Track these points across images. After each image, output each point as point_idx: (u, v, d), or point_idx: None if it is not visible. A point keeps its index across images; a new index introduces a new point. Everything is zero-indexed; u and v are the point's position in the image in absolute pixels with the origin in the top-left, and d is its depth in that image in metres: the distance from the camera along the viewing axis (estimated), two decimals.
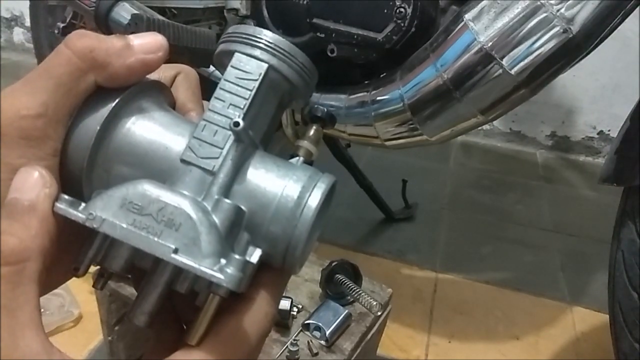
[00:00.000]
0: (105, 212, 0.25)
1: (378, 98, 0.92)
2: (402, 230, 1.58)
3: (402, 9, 0.86)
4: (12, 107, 0.25)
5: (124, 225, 0.24)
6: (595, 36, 0.78)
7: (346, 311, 0.84)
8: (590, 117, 2.12)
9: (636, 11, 0.79)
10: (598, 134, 2.14)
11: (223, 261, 0.24)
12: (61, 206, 0.25)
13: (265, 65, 0.29)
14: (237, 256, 0.25)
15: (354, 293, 0.87)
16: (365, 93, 0.94)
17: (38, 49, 1.60)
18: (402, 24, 0.87)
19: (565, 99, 2.11)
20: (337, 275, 0.89)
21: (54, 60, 0.26)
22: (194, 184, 0.27)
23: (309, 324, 0.82)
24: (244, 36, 0.30)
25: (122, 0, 0.94)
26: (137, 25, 0.88)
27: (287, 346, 0.78)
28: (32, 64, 1.74)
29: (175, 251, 0.24)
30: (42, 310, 0.92)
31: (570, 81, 2.04)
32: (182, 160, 0.27)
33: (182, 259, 0.24)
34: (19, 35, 2.67)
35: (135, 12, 0.91)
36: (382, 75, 0.95)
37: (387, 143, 0.96)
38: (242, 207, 0.27)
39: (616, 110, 2.02)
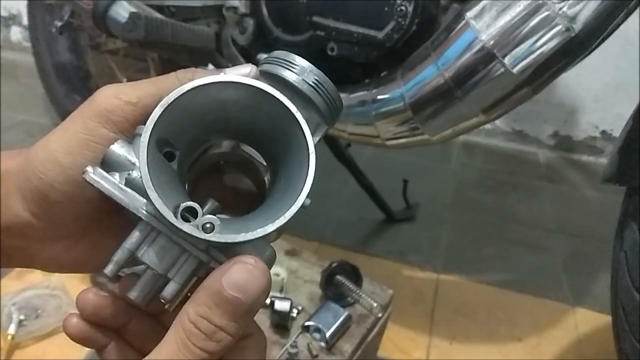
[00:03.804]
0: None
1: (379, 97, 0.91)
2: (403, 230, 1.57)
3: (402, 7, 0.85)
4: (114, 89, 0.30)
5: None
6: (598, 35, 0.78)
7: (346, 313, 0.83)
8: (593, 116, 2.11)
9: (638, 10, 0.79)
10: (601, 133, 2.13)
11: None
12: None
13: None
14: None
15: (354, 294, 0.87)
16: (365, 92, 0.93)
17: (36, 48, 1.59)
18: (403, 23, 0.86)
19: (567, 98, 2.10)
20: (338, 276, 0.88)
21: (163, 77, 0.32)
22: None
23: (308, 325, 0.82)
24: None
25: None
26: (135, 23, 0.87)
27: (286, 348, 0.77)
28: (30, 62, 1.73)
29: None
30: (39, 311, 0.93)
31: (572, 80, 2.04)
32: None
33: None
34: (17, 34, 2.67)
35: (134, 10, 0.91)
36: (382, 74, 0.95)
37: (388, 142, 0.95)
38: None
39: (619, 109, 2.00)
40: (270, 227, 0.27)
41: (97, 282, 0.87)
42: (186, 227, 0.27)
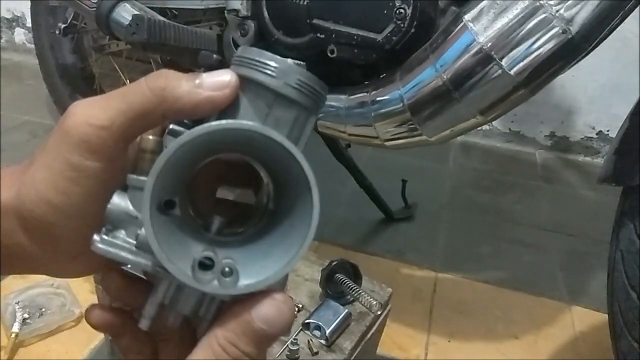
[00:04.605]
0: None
1: (378, 98, 0.92)
2: (401, 230, 1.58)
3: (401, 10, 0.86)
4: (83, 114, 0.29)
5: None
6: (595, 37, 0.78)
7: (346, 310, 0.84)
8: (590, 117, 2.12)
9: (635, 11, 0.79)
10: (597, 134, 2.14)
11: None
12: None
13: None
14: None
15: (353, 292, 0.87)
16: (365, 93, 0.94)
17: (39, 50, 1.60)
18: (402, 25, 0.87)
19: (564, 99, 2.11)
20: (337, 274, 0.89)
21: (132, 88, 0.30)
22: None
23: (309, 323, 0.82)
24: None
25: (123, 0, 0.94)
26: (137, 26, 0.88)
27: (287, 345, 0.78)
28: (34, 64, 1.74)
29: None
30: (42, 309, 0.94)
31: (569, 81, 2.05)
32: None
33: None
34: (20, 35, 2.68)
35: (136, 12, 0.92)
36: (381, 76, 0.95)
37: (387, 143, 0.96)
38: None
39: (615, 110, 2.02)
40: (285, 269, 0.29)
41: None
42: (209, 288, 0.29)
